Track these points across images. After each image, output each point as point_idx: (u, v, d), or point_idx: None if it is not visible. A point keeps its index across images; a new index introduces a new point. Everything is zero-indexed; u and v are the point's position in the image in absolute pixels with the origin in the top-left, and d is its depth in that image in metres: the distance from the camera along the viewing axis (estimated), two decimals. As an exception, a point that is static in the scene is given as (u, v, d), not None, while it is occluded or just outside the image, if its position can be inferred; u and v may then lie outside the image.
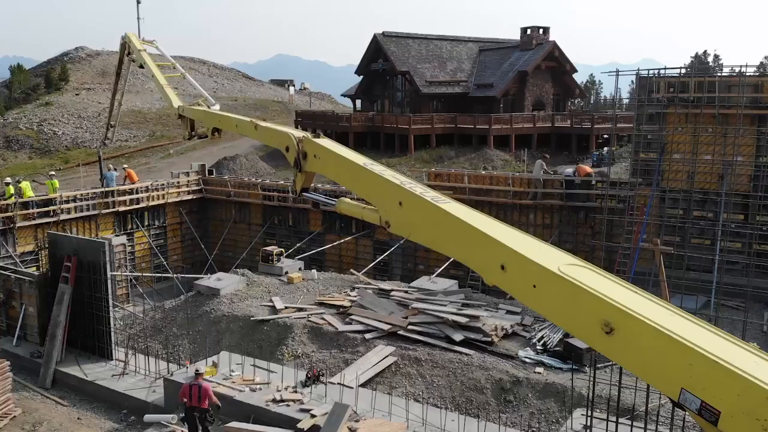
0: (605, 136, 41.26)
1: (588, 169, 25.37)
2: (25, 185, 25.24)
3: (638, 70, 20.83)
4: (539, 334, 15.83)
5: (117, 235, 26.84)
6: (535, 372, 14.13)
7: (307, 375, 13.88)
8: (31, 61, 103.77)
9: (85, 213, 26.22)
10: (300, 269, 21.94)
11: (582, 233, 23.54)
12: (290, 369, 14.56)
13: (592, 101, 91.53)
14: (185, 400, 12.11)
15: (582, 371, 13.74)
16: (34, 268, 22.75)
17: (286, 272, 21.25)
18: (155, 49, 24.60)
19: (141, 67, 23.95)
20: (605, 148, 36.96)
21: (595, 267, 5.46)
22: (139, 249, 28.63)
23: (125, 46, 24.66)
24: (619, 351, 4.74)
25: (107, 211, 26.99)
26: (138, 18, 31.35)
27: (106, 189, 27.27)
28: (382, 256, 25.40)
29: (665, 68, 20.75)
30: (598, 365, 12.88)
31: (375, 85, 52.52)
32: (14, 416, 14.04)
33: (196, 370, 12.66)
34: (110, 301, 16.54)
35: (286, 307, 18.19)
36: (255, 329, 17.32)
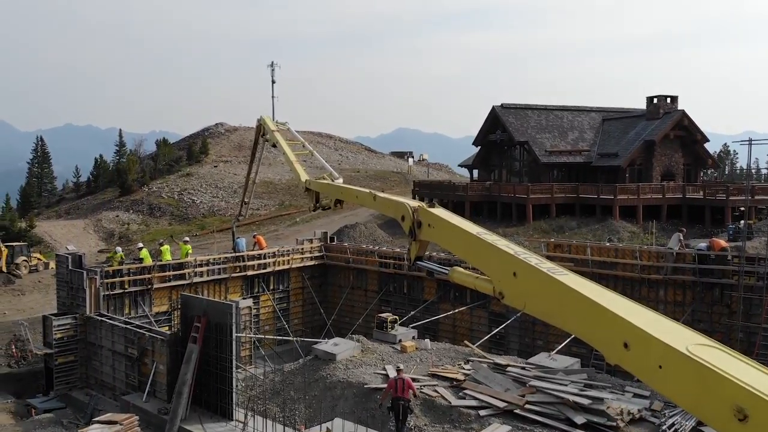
0: (741, 208, 38.51)
1: (723, 243, 23.66)
2: (165, 249, 27.29)
3: (774, 138, 19.55)
4: (670, 421, 14.64)
5: (244, 298, 28.05)
6: (665, 462, 13.02)
7: (419, 448, 13.67)
8: (176, 135, 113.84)
9: (216, 276, 27.78)
10: (413, 338, 21.84)
11: (717, 312, 21.80)
12: (402, 441, 14.34)
13: (726, 172, 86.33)
14: (392, 391, 14.77)
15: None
16: (167, 328, 24.20)
17: (400, 340, 21.25)
18: (286, 129, 26.41)
19: (273, 146, 25.86)
20: (742, 221, 34.42)
21: (727, 348, 5.06)
22: (263, 312, 29.78)
23: (260, 127, 26.75)
24: (755, 442, 4.30)
25: (237, 274, 28.48)
26: (273, 96, 33.91)
27: (237, 254, 28.86)
28: (498, 329, 24.73)
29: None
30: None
31: (492, 155, 52.67)
32: (140, 469, 14.76)
33: (398, 367, 15.89)
34: (234, 362, 17.22)
35: (399, 377, 18.06)
36: (368, 397, 17.30)
